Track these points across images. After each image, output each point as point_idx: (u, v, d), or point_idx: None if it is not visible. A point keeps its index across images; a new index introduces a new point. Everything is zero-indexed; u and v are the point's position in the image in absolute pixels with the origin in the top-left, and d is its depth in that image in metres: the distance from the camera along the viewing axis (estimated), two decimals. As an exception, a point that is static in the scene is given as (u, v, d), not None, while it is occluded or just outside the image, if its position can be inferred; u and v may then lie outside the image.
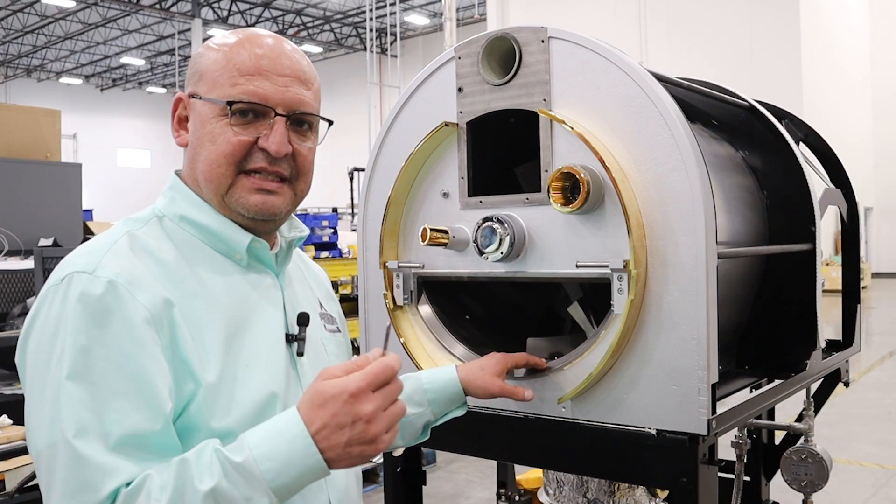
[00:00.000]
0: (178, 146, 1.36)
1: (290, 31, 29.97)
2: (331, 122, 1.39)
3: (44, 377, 1.11)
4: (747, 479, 2.92)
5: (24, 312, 5.24)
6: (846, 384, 2.80)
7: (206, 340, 1.19)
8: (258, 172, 1.28)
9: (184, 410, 1.16)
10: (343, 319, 1.63)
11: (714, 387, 1.78)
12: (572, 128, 1.86)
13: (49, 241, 5.64)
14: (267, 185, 1.29)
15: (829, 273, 12.53)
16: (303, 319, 1.36)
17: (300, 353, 1.34)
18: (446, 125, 2.07)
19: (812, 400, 2.75)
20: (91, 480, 1.05)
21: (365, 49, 27.48)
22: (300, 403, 1.10)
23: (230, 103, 1.25)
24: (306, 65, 1.35)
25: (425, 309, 2.18)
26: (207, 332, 1.20)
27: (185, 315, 1.19)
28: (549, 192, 1.86)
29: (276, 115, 1.28)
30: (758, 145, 2.50)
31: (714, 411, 1.78)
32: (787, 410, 3.60)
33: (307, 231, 1.46)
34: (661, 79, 1.94)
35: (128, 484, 1.06)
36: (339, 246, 8.31)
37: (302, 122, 1.32)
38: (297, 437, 1.07)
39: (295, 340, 1.34)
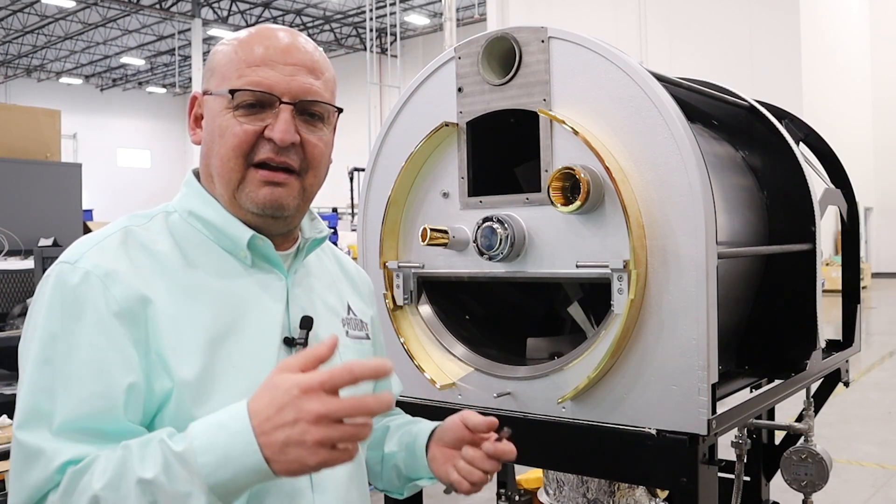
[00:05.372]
0: (194, 144, 1.35)
1: (290, 31, 29.89)
2: (340, 110, 1.36)
3: (22, 361, 1.15)
4: (747, 479, 2.92)
5: (24, 312, 5.23)
6: (846, 384, 2.80)
7: (187, 338, 1.18)
8: (267, 165, 1.26)
9: (163, 406, 1.16)
10: (377, 327, 1.57)
11: (714, 387, 1.78)
12: (572, 128, 1.85)
13: (49, 241, 5.63)
14: (275, 176, 1.26)
15: (829, 273, 12.54)
16: (305, 323, 1.31)
17: None
18: (446, 125, 2.06)
19: (812, 400, 2.75)
20: (36, 466, 1.06)
21: (365, 49, 27.46)
22: (251, 397, 1.05)
23: (232, 92, 1.24)
24: (318, 55, 1.32)
25: (425, 309, 2.18)
26: (191, 330, 1.19)
27: (167, 311, 1.18)
28: (549, 192, 1.86)
29: (282, 103, 1.25)
30: (758, 145, 2.50)
31: (714, 411, 1.78)
32: (787, 410, 3.59)
33: (328, 232, 1.43)
34: (661, 79, 1.94)
35: (77, 462, 1.06)
36: (340, 246, 8.32)
37: (311, 112, 1.29)
38: (239, 432, 1.01)
39: (295, 344, 1.30)
